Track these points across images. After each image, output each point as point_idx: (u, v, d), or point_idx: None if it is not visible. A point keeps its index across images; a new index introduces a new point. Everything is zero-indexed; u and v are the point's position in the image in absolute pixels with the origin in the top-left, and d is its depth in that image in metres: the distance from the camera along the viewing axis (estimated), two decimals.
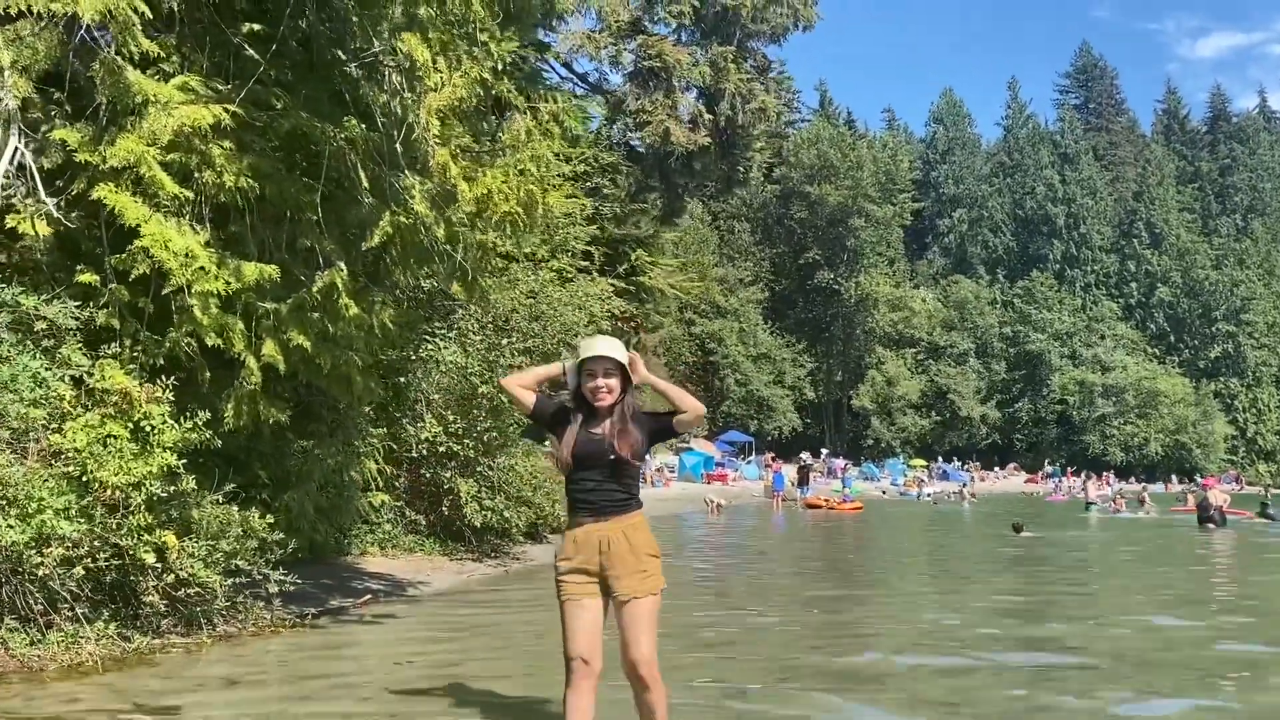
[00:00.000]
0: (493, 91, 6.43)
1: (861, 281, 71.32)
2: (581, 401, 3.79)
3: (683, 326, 64.76)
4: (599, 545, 3.68)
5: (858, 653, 6.89)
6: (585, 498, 3.75)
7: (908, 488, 48.84)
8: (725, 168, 17.21)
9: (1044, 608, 9.72)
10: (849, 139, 72.73)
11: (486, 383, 11.08)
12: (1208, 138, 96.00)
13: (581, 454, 3.71)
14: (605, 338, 3.91)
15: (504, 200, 6.25)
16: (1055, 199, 78.75)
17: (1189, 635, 7.90)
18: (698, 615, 8.27)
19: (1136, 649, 7.17)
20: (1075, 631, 7.95)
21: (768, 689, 5.62)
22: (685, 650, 6.61)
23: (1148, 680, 6.06)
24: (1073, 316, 73.80)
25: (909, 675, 6.12)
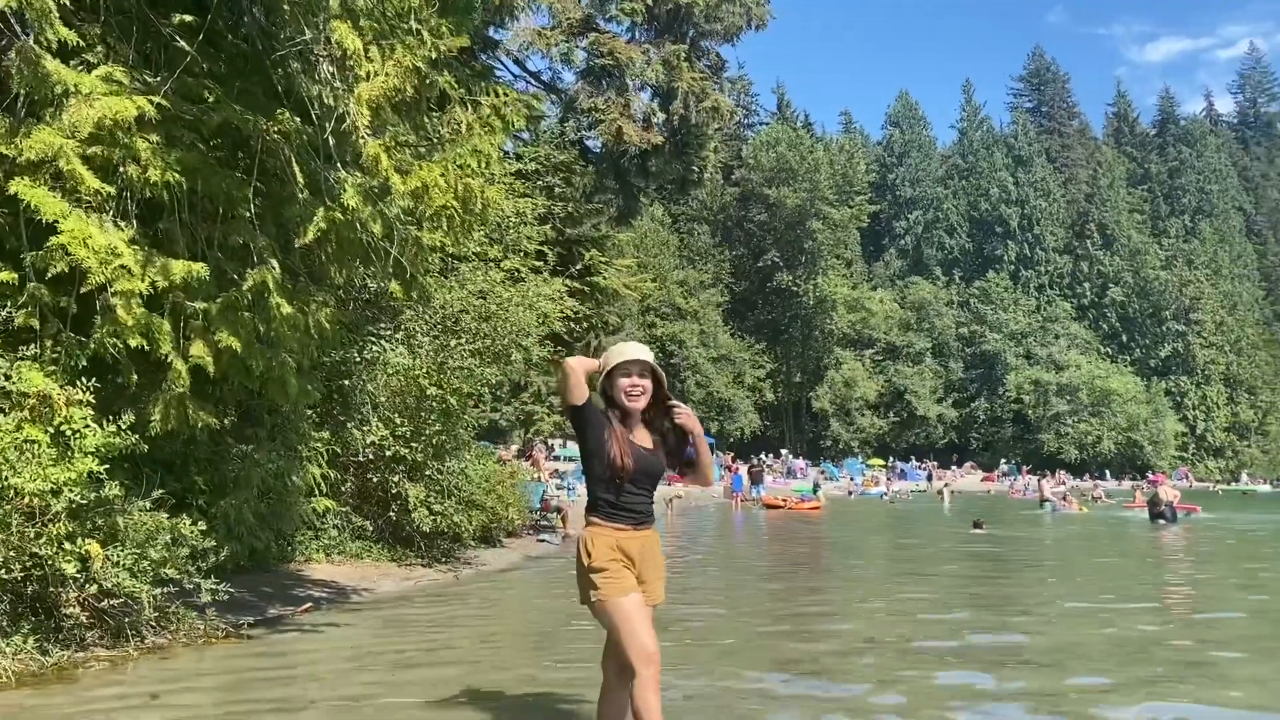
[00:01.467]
0: (429, 82, 6.21)
1: (820, 283, 71.74)
2: (615, 410, 3.76)
3: (643, 329, 64.77)
4: (640, 550, 3.74)
5: (818, 641, 6.78)
6: (631, 507, 3.73)
7: (866, 487, 49.16)
8: (680, 168, 17.07)
9: (1001, 603, 9.69)
10: (807, 142, 73.15)
11: (436, 384, 10.86)
12: (1157, 140, 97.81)
13: (639, 465, 3.70)
14: (634, 343, 3.89)
15: (441, 194, 6.05)
16: (1009, 201, 79.75)
17: (1138, 631, 7.89)
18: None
19: (1088, 645, 7.13)
20: (1031, 627, 7.91)
21: (724, 680, 5.48)
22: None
23: (1098, 674, 6.01)
24: (1027, 317, 74.77)
25: (870, 669, 6.01)
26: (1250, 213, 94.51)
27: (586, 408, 3.72)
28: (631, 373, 3.72)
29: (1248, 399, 77.06)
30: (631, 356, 3.75)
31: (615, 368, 3.72)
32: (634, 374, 3.72)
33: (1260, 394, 77.74)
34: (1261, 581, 11.98)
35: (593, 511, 3.74)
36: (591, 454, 3.69)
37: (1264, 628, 8.24)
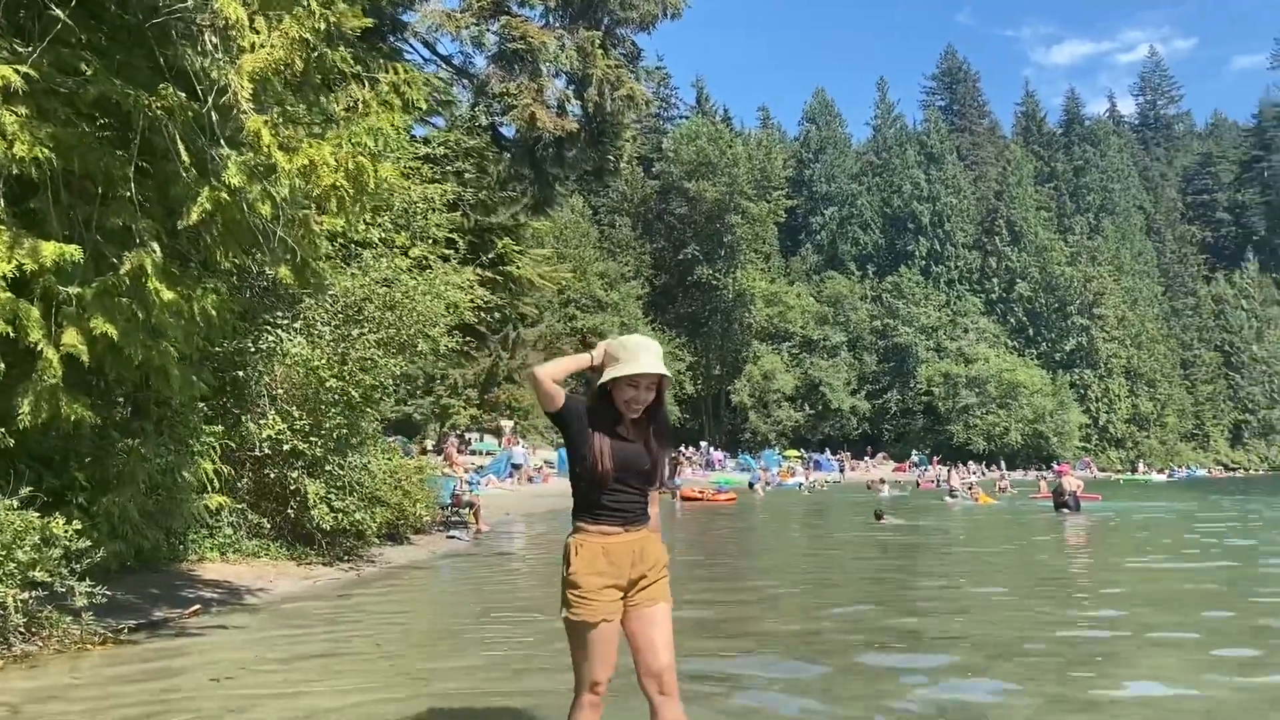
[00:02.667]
0: (319, 56, 5.89)
1: (739, 277, 72.26)
2: (606, 403, 3.48)
3: (564, 320, 64.38)
4: (632, 556, 3.49)
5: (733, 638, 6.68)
6: (619, 507, 3.49)
7: (783, 478, 49.76)
8: (596, 156, 16.84)
9: (900, 593, 9.74)
10: (726, 136, 73.54)
11: (337, 376, 10.47)
12: (1063, 140, 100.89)
13: (620, 463, 3.44)
14: (648, 344, 3.50)
15: (329, 173, 5.74)
16: (921, 197, 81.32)
17: (1041, 620, 7.98)
18: None
19: (991, 635, 7.16)
20: (934, 618, 7.94)
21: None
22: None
23: (1002, 667, 6.01)
24: (938, 311, 76.39)
25: (774, 669, 5.92)
26: (1150, 211, 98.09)
27: (564, 411, 3.46)
28: (639, 385, 3.42)
29: (1147, 391, 80.00)
30: (645, 369, 3.40)
31: (624, 376, 3.40)
32: (641, 387, 3.43)
33: (1159, 387, 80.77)
34: (1155, 567, 12.31)
35: (578, 514, 3.50)
36: (574, 455, 3.48)
37: (1157, 615, 8.40)
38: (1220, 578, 10.93)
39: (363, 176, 5.89)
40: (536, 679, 5.63)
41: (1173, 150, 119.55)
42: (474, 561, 12.79)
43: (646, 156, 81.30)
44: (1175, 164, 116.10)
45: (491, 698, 5.25)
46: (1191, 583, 10.55)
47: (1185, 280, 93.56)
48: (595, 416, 3.46)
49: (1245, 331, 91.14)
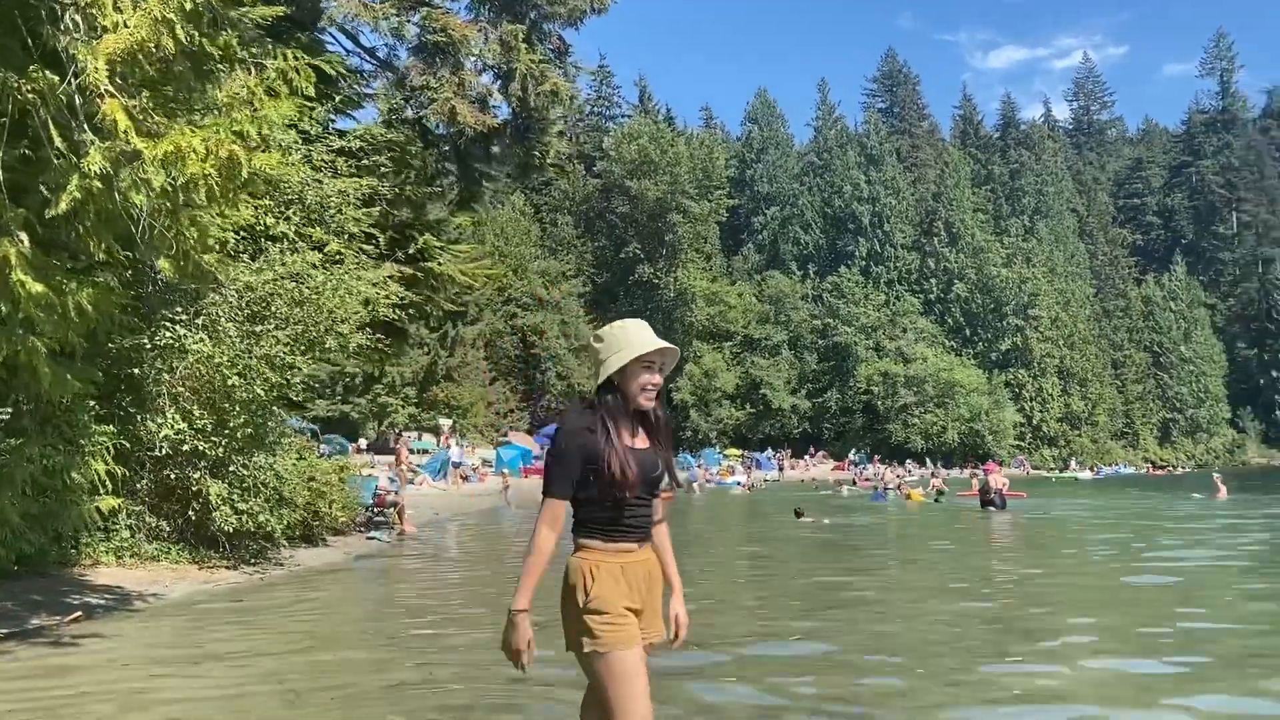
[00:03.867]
0: (190, 38, 5.62)
1: (680, 276, 72.38)
2: (615, 405, 3.05)
3: (504, 319, 63.91)
4: (645, 576, 3.10)
5: None
6: (637, 523, 3.07)
7: (722, 476, 49.95)
8: (522, 152, 16.64)
9: (819, 592, 9.70)
10: (668, 135, 73.63)
11: (241, 374, 10.14)
12: (999, 144, 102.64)
13: (641, 472, 3.03)
14: (642, 324, 3.14)
15: (196, 161, 5.48)
16: (861, 198, 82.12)
17: (963, 617, 7.97)
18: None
19: (912, 634, 7.13)
20: (859, 615, 7.89)
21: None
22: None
23: (924, 663, 5.97)
24: (877, 311, 77.17)
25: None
26: (1083, 214, 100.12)
27: (571, 454, 3.00)
28: (654, 366, 3.07)
29: (1079, 391, 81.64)
30: (656, 345, 3.06)
31: (637, 358, 3.03)
32: (656, 367, 3.09)
33: (1090, 386, 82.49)
34: (1070, 562, 12.46)
35: (586, 533, 3.03)
36: (585, 473, 3.01)
37: (1076, 613, 8.46)
38: (1094, 571, 11.08)
39: (235, 166, 5.64)
40: (410, 690, 5.44)
41: (1105, 155, 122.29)
42: (390, 564, 12.53)
43: (588, 155, 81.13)
44: (1107, 168, 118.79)
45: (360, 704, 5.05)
46: (1073, 578, 10.68)
47: (1116, 282, 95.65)
48: (601, 423, 3.01)
49: (1173, 332, 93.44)
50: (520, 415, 61.96)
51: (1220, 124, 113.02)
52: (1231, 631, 7.28)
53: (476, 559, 13.36)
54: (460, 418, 53.05)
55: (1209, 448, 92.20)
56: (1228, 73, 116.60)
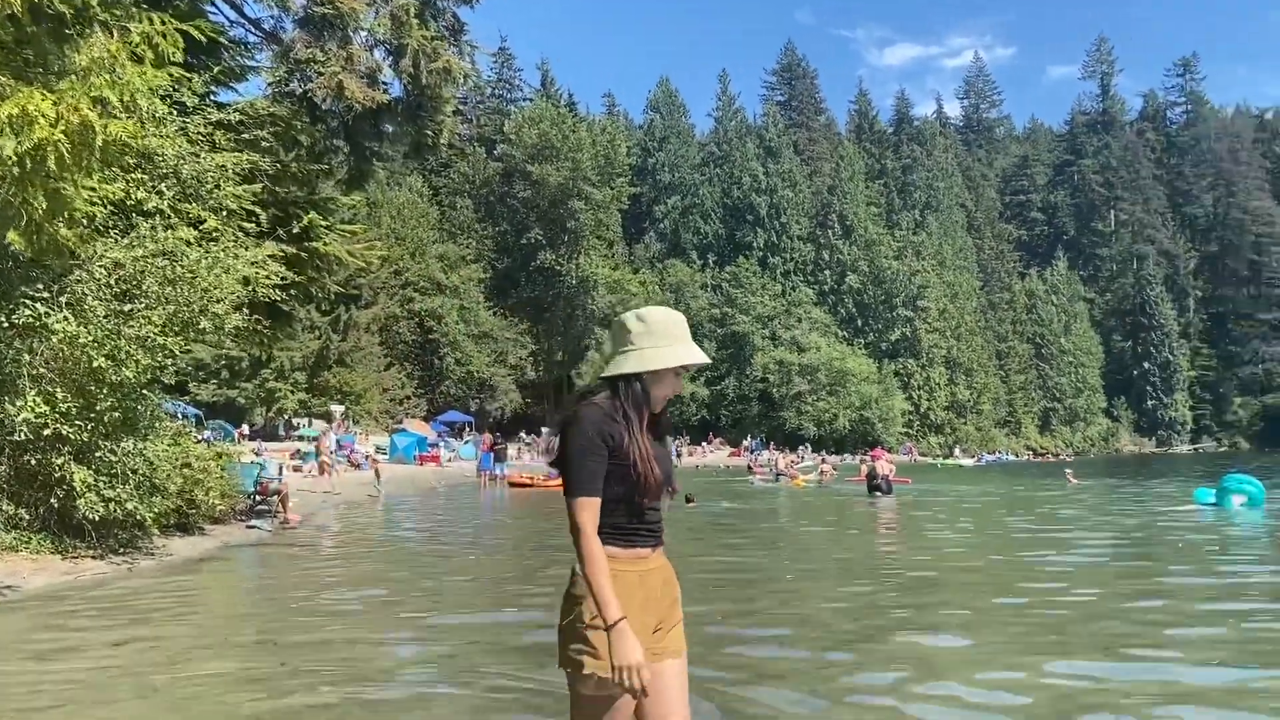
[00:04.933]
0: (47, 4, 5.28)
1: (582, 263, 72.16)
2: (641, 399, 2.74)
3: (401, 303, 62.71)
4: (663, 584, 2.81)
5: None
6: (653, 524, 2.79)
7: None
8: (414, 131, 16.27)
9: (712, 576, 9.77)
10: (569, 121, 73.22)
11: (109, 356, 9.64)
12: (893, 139, 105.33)
13: (664, 473, 2.78)
14: (678, 318, 2.82)
15: (45, 126, 5.16)
16: (760, 190, 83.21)
17: (849, 599, 8.11)
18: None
19: (802, 614, 7.21)
20: (746, 595, 7.95)
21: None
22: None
23: (819, 641, 6.03)
24: (774, 301, 78.41)
25: None
26: (971, 210, 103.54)
27: (597, 443, 2.66)
28: (682, 375, 2.80)
29: (965, 380, 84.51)
30: (704, 359, 2.77)
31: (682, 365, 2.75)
32: (682, 378, 2.82)
33: (976, 376, 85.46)
34: (942, 542, 12.85)
35: (601, 537, 2.66)
36: (612, 473, 2.68)
37: (951, 593, 8.69)
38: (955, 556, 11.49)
39: (89, 133, 5.33)
40: (275, 683, 5.26)
41: (993, 152, 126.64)
42: (270, 554, 12.12)
43: (489, 138, 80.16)
44: (995, 165, 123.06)
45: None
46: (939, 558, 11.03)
47: (1001, 276, 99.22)
48: (624, 416, 2.70)
49: (1054, 325, 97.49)
50: (417, 402, 60.94)
51: (1100, 125, 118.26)
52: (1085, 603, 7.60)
53: (360, 550, 13.05)
54: (353, 404, 51.88)
55: (1086, 436, 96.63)
56: (1108, 76, 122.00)
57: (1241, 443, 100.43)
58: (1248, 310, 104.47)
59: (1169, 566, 10.43)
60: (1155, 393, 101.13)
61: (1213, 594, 8.50)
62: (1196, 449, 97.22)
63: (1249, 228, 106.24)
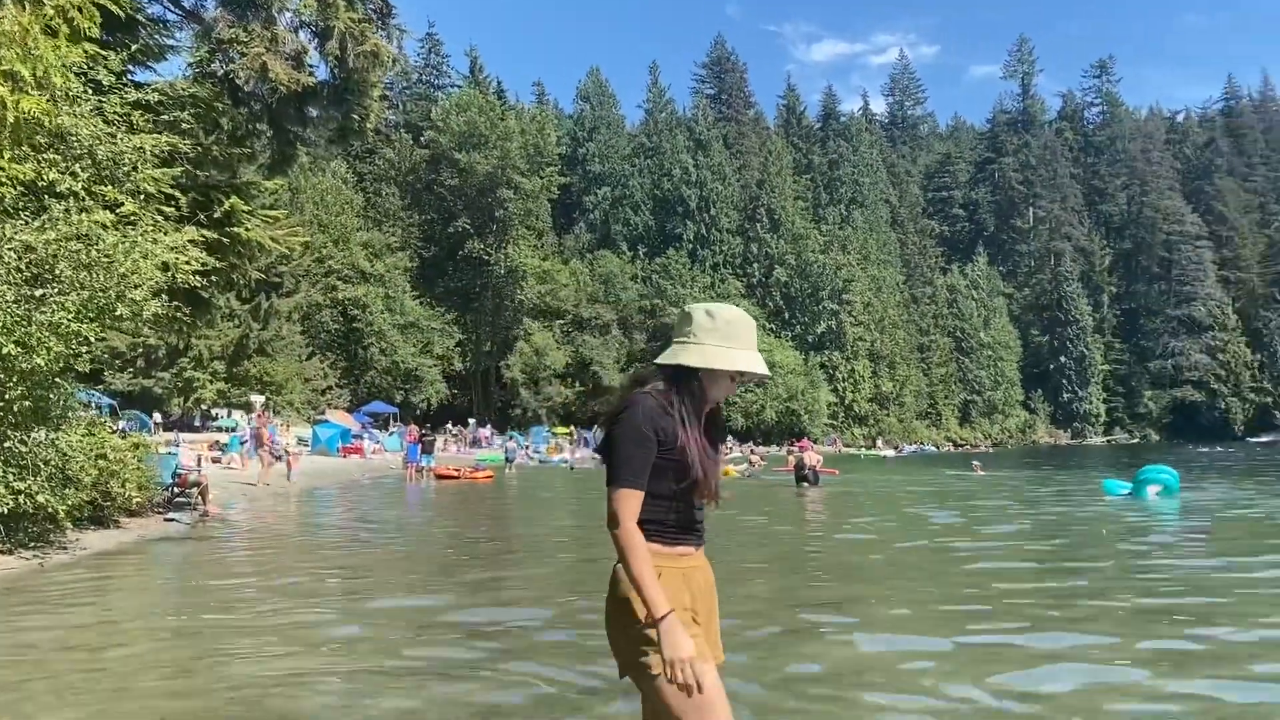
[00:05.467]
0: None
1: (510, 253, 71.63)
2: (699, 395, 2.67)
3: (324, 291, 61.51)
4: (705, 585, 2.72)
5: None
6: (700, 521, 2.71)
7: (550, 454, 49.88)
8: (340, 116, 15.93)
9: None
10: (498, 108, 72.53)
11: (20, 342, 9.26)
12: (820, 134, 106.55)
13: (710, 472, 2.69)
14: (748, 322, 2.74)
15: None
16: (690, 182, 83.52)
17: (775, 585, 8.18)
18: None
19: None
20: None
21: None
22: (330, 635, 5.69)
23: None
24: (703, 293, 78.79)
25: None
26: (895, 205, 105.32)
27: (648, 434, 2.55)
28: (736, 381, 2.71)
29: (888, 372, 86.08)
30: (765, 371, 2.72)
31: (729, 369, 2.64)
32: (735, 384, 2.73)
33: (899, 368, 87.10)
34: (870, 530, 13.08)
35: (644, 535, 2.54)
36: (665, 465, 2.58)
37: (877, 577, 8.83)
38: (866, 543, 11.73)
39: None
40: (192, 680, 5.11)
41: (917, 149, 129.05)
42: (188, 548, 11.79)
43: (416, 124, 79.02)
44: (919, 162, 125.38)
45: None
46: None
47: (924, 270, 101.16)
48: (680, 410, 2.61)
49: (974, 319, 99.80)
50: (340, 393, 59.89)
51: (1020, 124, 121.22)
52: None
53: (279, 541, 12.78)
54: (274, 394, 50.79)
55: (1004, 427, 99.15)
56: (1028, 76, 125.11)
57: (1152, 434, 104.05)
58: (1158, 306, 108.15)
59: (1073, 548, 10.78)
60: (1070, 386, 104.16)
61: (1111, 575, 8.80)
62: (1109, 440, 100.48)
63: (1160, 226, 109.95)
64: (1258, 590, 8.05)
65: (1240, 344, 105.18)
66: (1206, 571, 9.13)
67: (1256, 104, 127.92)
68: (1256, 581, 8.42)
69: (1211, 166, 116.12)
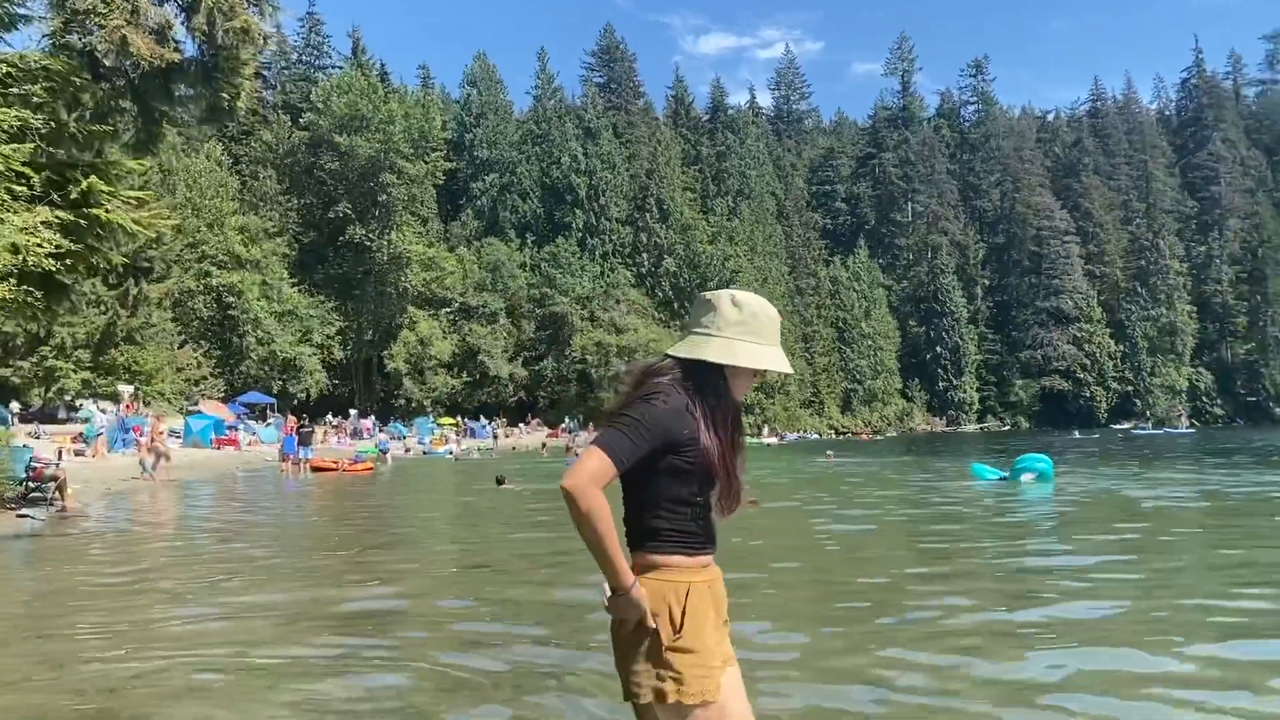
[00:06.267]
0: None
1: (394, 239, 70.14)
2: (724, 391, 2.46)
3: (198, 277, 59.10)
4: (721, 592, 2.52)
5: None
6: (713, 527, 2.50)
7: (434, 445, 49.05)
8: (209, 94, 15.25)
9: (512, 561, 9.70)
10: (380, 91, 70.80)
11: None
12: (708, 126, 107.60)
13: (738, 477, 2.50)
14: (773, 315, 2.53)
15: None
16: (579, 170, 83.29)
17: None
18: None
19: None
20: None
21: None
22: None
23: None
24: (593, 282, 78.80)
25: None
26: (780, 198, 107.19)
27: (674, 425, 2.34)
28: (755, 379, 2.54)
29: None
30: (784, 368, 2.51)
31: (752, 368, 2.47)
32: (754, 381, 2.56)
33: None
34: (752, 525, 13.29)
35: (664, 546, 2.38)
36: (680, 462, 2.36)
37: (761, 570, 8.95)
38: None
39: None
40: (32, 684, 4.82)
41: (802, 143, 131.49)
42: (42, 545, 11.17)
43: (295, 106, 76.60)
44: (803, 156, 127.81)
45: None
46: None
47: (808, 262, 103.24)
48: (705, 407, 2.40)
49: (855, 310, 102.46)
50: (215, 382, 57.69)
51: (900, 120, 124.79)
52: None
53: (141, 538, 12.23)
54: (144, 385, 48.61)
55: (883, 415, 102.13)
56: (908, 74, 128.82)
57: (1022, 422, 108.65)
58: (1028, 298, 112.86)
59: (934, 527, 11.16)
60: (946, 375, 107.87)
61: (982, 554, 9.15)
62: (982, 428, 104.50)
63: (1031, 221, 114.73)
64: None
65: (1104, 335, 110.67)
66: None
67: (1120, 105, 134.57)
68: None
69: (1079, 165, 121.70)
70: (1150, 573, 8.22)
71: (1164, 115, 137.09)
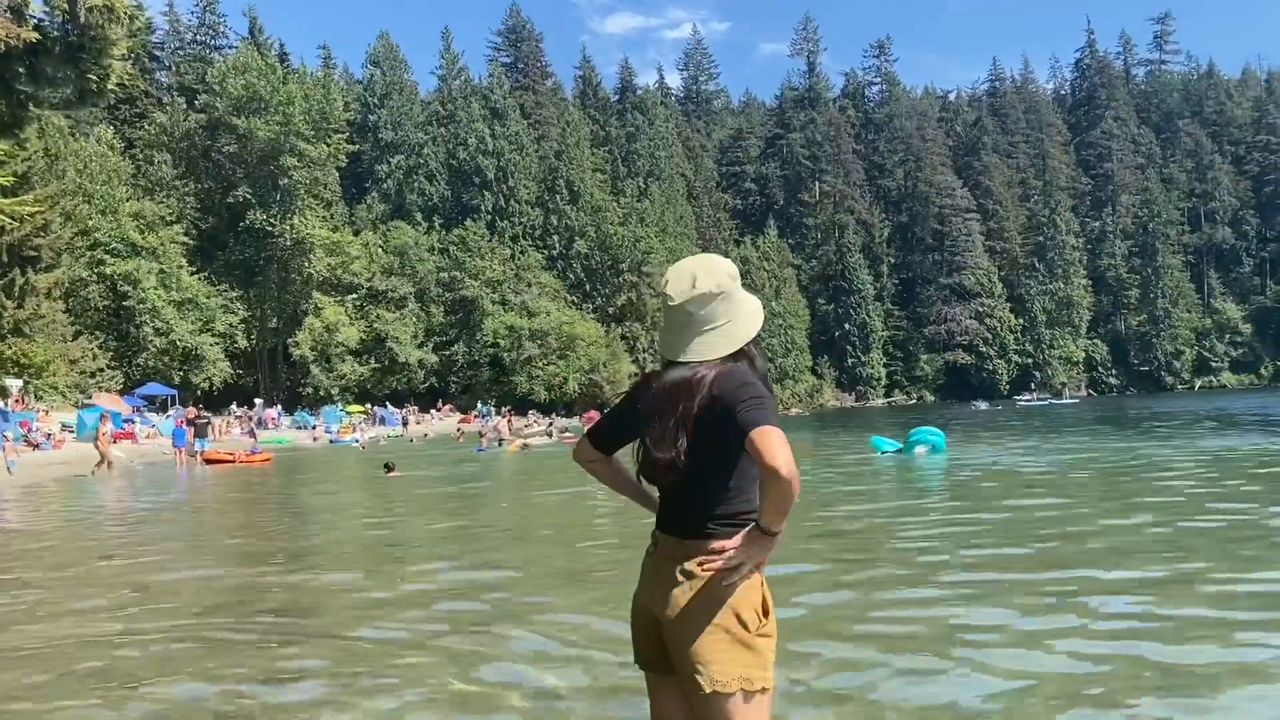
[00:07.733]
0: None
1: (297, 224, 68.52)
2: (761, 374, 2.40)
3: (90, 266, 56.90)
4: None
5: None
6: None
7: (342, 434, 48.17)
8: (75, 75, 14.66)
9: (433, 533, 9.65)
10: (280, 72, 68.89)
11: None
12: (617, 107, 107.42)
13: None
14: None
15: None
16: (486, 152, 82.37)
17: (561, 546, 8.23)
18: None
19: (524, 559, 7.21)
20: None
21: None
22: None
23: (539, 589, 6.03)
24: (503, 265, 78.16)
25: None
26: (690, 179, 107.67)
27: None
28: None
29: None
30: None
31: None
32: None
33: None
34: None
35: (747, 526, 2.31)
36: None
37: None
38: None
39: None
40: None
41: (711, 124, 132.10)
42: None
43: (190, 88, 74.12)
44: (713, 137, 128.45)
45: None
46: None
47: (719, 243, 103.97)
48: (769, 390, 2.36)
49: (766, 290, 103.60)
50: (112, 375, 55.72)
51: (807, 101, 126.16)
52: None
53: (41, 537, 11.82)
54: (34, 378, 46.73)
55: (794, 392, 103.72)
56: (813, 55, 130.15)
57: (928, 395, 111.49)
58: (932, 275, 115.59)
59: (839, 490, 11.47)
60: (854, 351, 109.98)
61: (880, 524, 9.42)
62: (889, 402, 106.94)
63: (933, 200, 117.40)
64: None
65: (1005, 309, 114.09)
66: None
67: (1018, 85, 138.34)
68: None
69: (979, 144, 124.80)
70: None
71: (1059, 94, 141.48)
